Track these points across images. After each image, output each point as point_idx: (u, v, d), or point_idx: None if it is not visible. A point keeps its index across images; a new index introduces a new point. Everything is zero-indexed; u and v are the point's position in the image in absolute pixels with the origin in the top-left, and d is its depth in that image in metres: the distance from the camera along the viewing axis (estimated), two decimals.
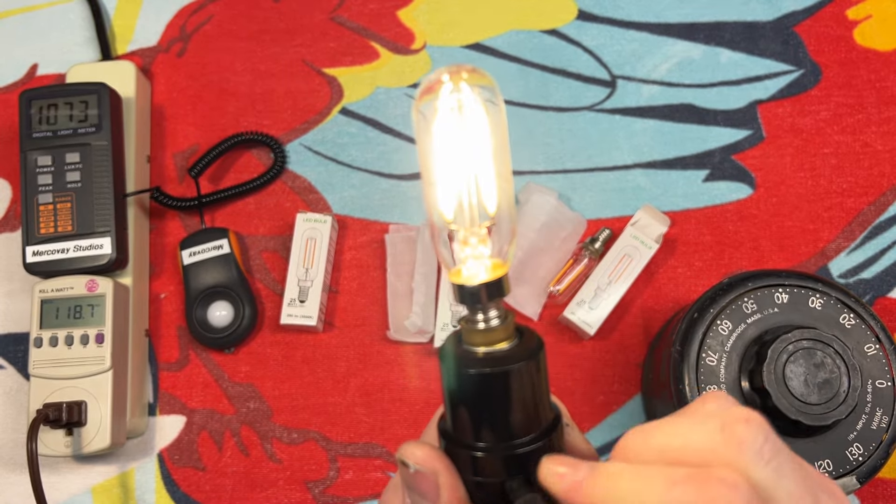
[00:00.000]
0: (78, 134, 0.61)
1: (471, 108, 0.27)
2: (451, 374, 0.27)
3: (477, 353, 0.27)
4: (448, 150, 0.28)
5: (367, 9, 0.70)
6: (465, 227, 0.28)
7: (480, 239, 0.28)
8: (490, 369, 0.26)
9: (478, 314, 0.27)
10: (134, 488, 0.62)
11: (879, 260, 0.64)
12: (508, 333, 0.27)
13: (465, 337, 0.28)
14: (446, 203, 0.28)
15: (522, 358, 0.26)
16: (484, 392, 0.26)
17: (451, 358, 0.27)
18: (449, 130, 0.27)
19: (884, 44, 0.68)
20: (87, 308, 0.59)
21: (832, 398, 0.47)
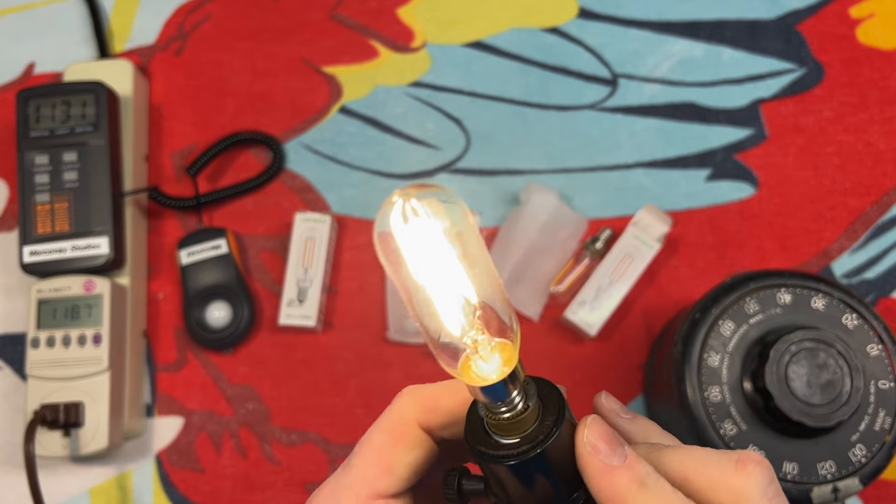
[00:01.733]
0: (75, 133, 0.61)
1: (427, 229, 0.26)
2: (489, 466, 0.27)
3: (509, 443, 0.27)
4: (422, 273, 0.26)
5: (367, 7, 0.70)
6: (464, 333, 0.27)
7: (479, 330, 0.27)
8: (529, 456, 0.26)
9: (501, 409, 0.27)
10: (132, 490, 0.61)
11: (882, 260, 0.63)
12: (534, 413, 0.27)
13: (493, 427, 0.27)
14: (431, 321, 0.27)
15: (553, 430, 0.26)
16: (529, 474, 0.27)
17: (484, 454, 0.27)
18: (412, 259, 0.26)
19: (887, 42, 0.67)
20: (85, 308, 0.59)
21: (835, 399, 0.46)
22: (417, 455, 0.29)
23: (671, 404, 0.51)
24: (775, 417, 0.47)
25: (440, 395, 0.29)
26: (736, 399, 0.48)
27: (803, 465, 0.47)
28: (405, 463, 0.29)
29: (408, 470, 0.29)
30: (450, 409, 0.29)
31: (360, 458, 0.29)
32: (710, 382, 0.49)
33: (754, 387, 0.48)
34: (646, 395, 0.61)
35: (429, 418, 0.29)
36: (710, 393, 0.48)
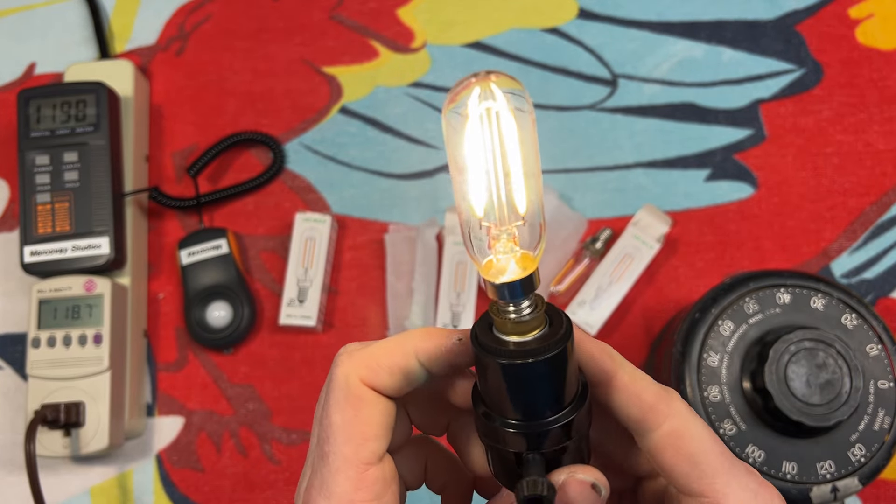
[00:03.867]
0: (76, 133, 0.61)
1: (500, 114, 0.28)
2: (482, 359, 0.28)
3: (508, 343, 0.28)
4: (478, 155, 0.28)
5: (367, 7, 0.70)
6: (495, 224, 0.29)
7: (511, 237, 0.29)
8: (521, 361, 0.27)
9: (509, 306, 0.28)
10: (132, 489, 0.61)
11: (882, 260, 0.63)
12: (539, 323, 0.28)
13: (497, 325, 0.29)
14: (477, 201, 0.29)
15: (552, 349, 0.27)
16: (513, 380, 0.28)
17: (483, 344, 0.28)
18: (477, 137, 0.28)
19: (886, 43, 0.67)
20: (86, 308, 0.59)
21: (834, 399, 0.46)
22: (380, 411, 0.30)
23: None
24: (775, 417, 0.47)
25: (381, 354, 0.30)
26: (735, 399, 0.48)
27: (802, 465, 0.47)
28: (374, 424, 0.29)
29: (380, 428, 0.29)
30: (389, 366, 0.29)
31: (332, 443, 0.29)
32: (710, 382, 0.49)
33: (754, 387, 0.48)
34: None
35: (372, 379, 0.30)
36: (710, 393, 0.49)
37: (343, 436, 0.29)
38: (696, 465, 0.28)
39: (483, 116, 0.28)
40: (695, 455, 0.28)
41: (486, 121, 0.28)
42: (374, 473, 0.29)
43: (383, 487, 0.29)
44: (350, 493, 0.28)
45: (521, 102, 0.29)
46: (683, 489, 0.29)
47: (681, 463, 0.29)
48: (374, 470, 0.29)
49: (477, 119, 0.28)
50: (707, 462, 0.28)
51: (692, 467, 0.28)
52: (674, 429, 0.29)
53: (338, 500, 0.28)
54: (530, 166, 0.29)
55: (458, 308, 0.61)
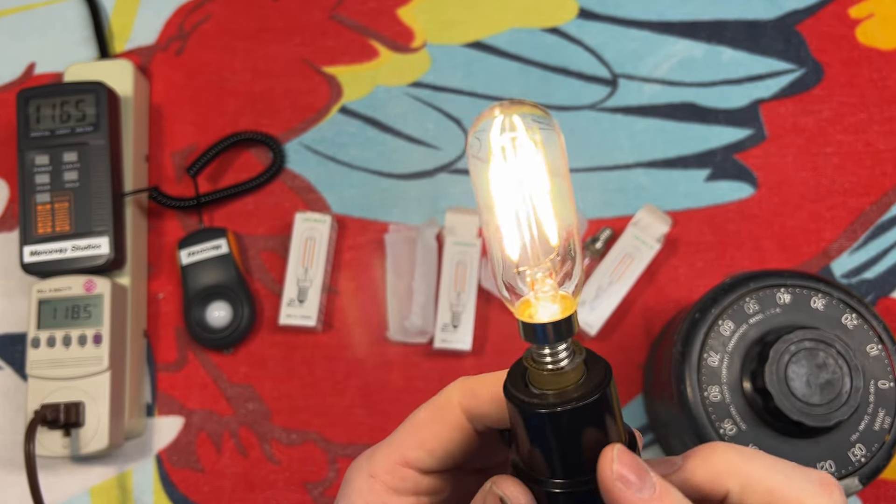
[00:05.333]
0: (76, 133, 0.61)
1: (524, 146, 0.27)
2: (520, 415, 0.27)
3: (547, 395, 0.26)
4: (505, 191, 0.27)
5: (367, 7, 0.70)
6: (530, 265, 0.27)
7: (547, 273, 0.27)
8: (561, 409, 0.26)
9: (545, 355, 0.26)
10: (132, 489, 0.61)
11: (882, 260, 0.63)
12: (578, 373, 0.27)
13: (533, 377, 0.27)
14: (510, 244, 0.27)
15: (593, 396, 0.26)
16: (557, 433, 0.26)
17: (519, 399, 0.27)
18: (503, 171, 0.27)
19: (886, 42, 0.67)
20: (85, 308, 0.59)
21: (834, 399, 0.46)
22: (454, 437, 0.30)
23: (671, 404, 0.51)
24: (775, 417, 0.47)
25: (483, 383, 0.30)
26: (735, 399, 0.48)
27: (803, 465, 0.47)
28: (441, 440, 0.29)
29: (442, 448, 0.29)
30: (489, 396, 0.29)
31: (401, 430, 0.30)
32: (710, 382, 0.49)
33: (754, 386, 0.48)
34: (645, 395, 0.61)
35: (470, 403, 0.29)
36: (710, 393, 0.49)
37: (411, 430, 0.30)
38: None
39: (505, 148, 0.26)
40: None
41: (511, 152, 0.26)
42: (408, 476, 0.29)
43: (407, 493, 0.30)
44: (380, 473, 0.29)
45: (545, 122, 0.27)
46: None
47: None
48: (411, 474, 0.29)
49: (499, 152, 0.26)
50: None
51: None
52: None
53: (368, 470, 0.29)
54: (560, 194, 0.27)
55: (458, 308, 0.61)
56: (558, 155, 0.27)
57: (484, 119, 0.27)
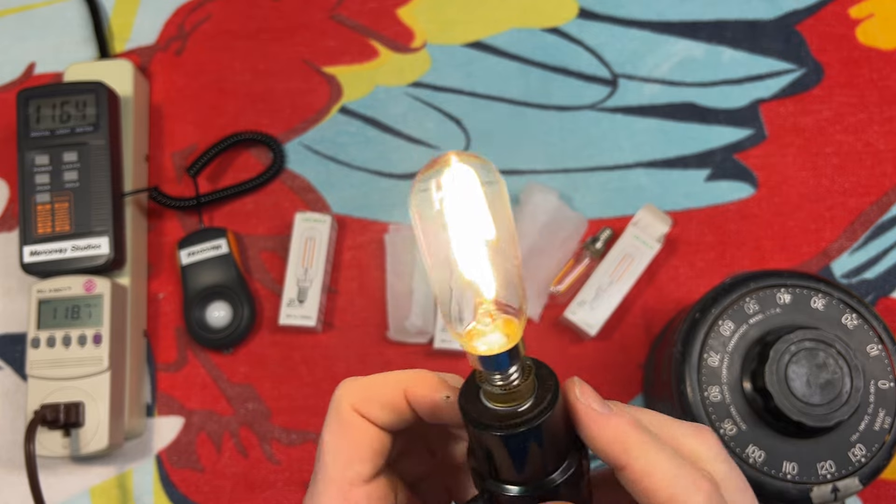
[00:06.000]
0: (76, 133, 0.61)
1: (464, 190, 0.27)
2: (473, 429, 0.28)
3: (497, 412, 0.28)
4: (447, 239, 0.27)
5: (367, 7, 0.70)
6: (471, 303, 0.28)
7: (488, 313, 0.28)
8: (512, 431, 0.27)
9: (495, 376, 0.27)
10: (132, 489, 0.61)
11: (882, 260, 0.63)
12: (528, 390, 0.28)
13: (486, 395, 0.28)
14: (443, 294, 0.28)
15: (543, 413, 0.27)
16: (508, 447, 0.28)
17: (472, 414, 0.28)
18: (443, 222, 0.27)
19: (886, 42, 0.67)
20: (85, 308, 0.59)
21: (834, 399, 0.46)
22: (370, 437, 0.30)
23: (671, 404, 0.51)
24: (775, 417, 0.47)
25: (374, 386, 0.30)
26: (736, 399, 0.48)
27: (803, 465, 0.47)
28: (360, 447, 0.30)
29: (367, 452, 0.30)
30: (380, 399, 0.30)
31: (321, 464, 0.30)
32: (710, 382, 0.49)
33: (754, 387, 0.48)
34: (645, 395, 0.61)
35: (362, 407, 0.30)
36: (710, 393, 0.49)
37: (330, 456, 0.30)
38: None
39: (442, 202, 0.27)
40: None
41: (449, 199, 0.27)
42: (359, 494, 0.29)
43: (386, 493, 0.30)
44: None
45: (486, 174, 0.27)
46: None
47: None
48: (359, 491, 0.29)
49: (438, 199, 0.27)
50: None
51: None
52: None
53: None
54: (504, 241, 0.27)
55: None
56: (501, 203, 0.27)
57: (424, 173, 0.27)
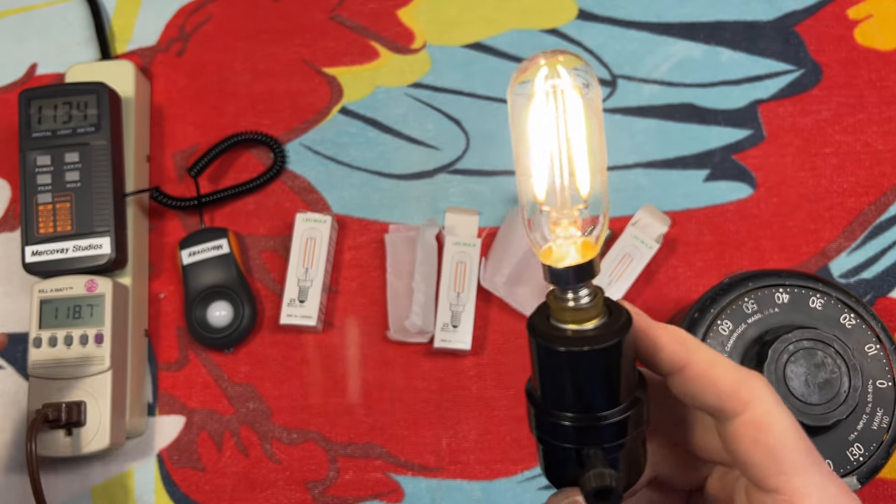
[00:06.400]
0: (77, 134, 0.61)
1: (566, 93, 0.28)
2: (539, 347, 0.28)
3: (566, 331, 0.28)
4: (542, 133, 0.28)
5: (367, 8, 0.70)
6: (556, 208, 0.28)
7: (572, 221, 0.28)
8: (577, 348, 0.27)
9: (567, 293, 0.28)
10: (133, 488, 0.62)
11: (880, 260, 0.63)
12: (598, 312, 0.28)
13: (554, 313, 0.28)
14: (540, 184, 0.28)
15: (610, 338, 0.27)
16: (569, 368, 0.27)
17: (540, 332, 0.28)
18: (543, 114, 0.28)
19: (884, 43, 0.67)
20: (87, 308, 0.59)
21: (833, 398, 0.46)
22: None
23: None
24: None
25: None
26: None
27: None
28: None
29: None
30: None
31: None
32: None
33: None
34: None
35: None
36: None
37: None
38: (775, 460, 0.26)
39: (549, 93, 0.28)
40: (775, 448, 0.26)
41: (552, 99, 0.28)
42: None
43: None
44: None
45: (586, 77, 0.28)
46: (759, 483, 0.27)
47: (758, 455, 0.27)
48: None
49: (543, 95, 0.28)
50: (787, 457, 0.26)
51: (770, 461, 0.26)
52: (754, 418, 0.27)
53: None
54: (595, 146, 0.28)
55: (458, 308, 0.61)
56: (595, 108, 0.28)
57: (530, 66, 0.28)
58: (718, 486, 0.31)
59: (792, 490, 0.26)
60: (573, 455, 0.28)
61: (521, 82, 0.28)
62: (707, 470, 0.32)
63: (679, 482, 0.32)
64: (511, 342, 0.63)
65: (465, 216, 0.64)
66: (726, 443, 0.28)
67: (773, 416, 0.27)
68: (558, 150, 0.28)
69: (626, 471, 0.29)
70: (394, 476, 0.61)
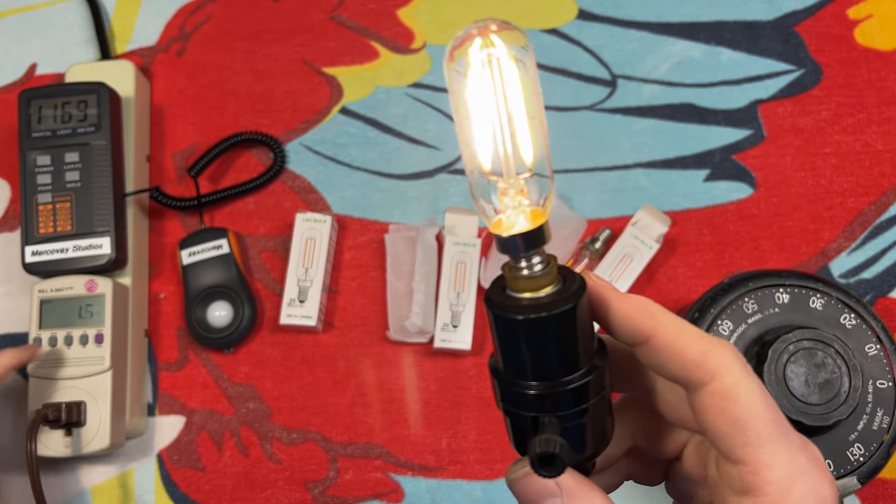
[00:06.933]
0: (77, 133, 0.61)
1: (502, 61, 0.28)
2: (496, 318, 0.28)
3: (521, 299, 0.28)
4: (482, 103, 0.28)
5: (367, 8, 0.70)
6: (502, 177, 0.28)
7: (518, 190, 0.28)
8: (534, 315, 0.27)
9: (520, 262, 0.28)
10: (133, 489, 0.62)
11: (880, 260, 0.63)
12: (552, 279, 0.28)
13: (510, 283, 0.28)
14: (484, 154, 0.28)
15: (565, 303, 0.27)
16: (526, 337, 0.27)
17: (496, 303, 0.28)
18: (480, 84, 0.28)
19: (884, 43, 0.67)
20: (87, 308, 0.59)
21: (833, 398, 0.46)
22: None
23: None
24: None
25: None
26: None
27: None
28: None
29: None
30: None
31: None
32: None
33: None
34: None
35: None
36: None
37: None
38: (741, 430, 0.26)
39: (484, 63, 0.28)
40: (741, 419, 0.26)
41: (488, 67, 0.28)
42: None
43: None
44: None
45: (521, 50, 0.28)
46: (725, 453, 0.27)
47: (724, 425, 0.26)
48: None
49: (479, 66, 0.28)
50: (753, 428, 0.26)
51: (736, 431, 0.26)
52: (721, 388, 0.26)
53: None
54: (533, 111, 0.28)
55: (458, 308, 0.61)
56: (531, 73, 0.28)
57: (464, 38, 0.28)
58: (694, 456, 0.31)
59: (757, 461, 0.26)
60: (531, 423, 0.28)
61: (457, 54, 0.28)
62: (683, 439, 0.32)
63: (657, 452, 0.32)
64: None
65: (465, 216, 0.64)
66: (695, 413, 0.27)
67: (739, 387, 0.26)
68: (499, 119, 0.28)
69: (591, 439, 0.29)
70: (394, 476, 0.61)
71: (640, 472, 0.33)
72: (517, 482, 0.29)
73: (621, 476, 0.34)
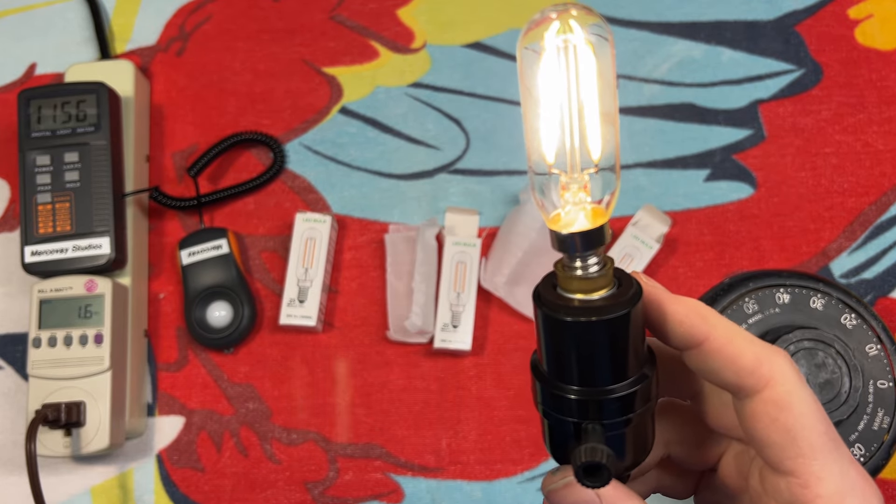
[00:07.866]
0: (77, 133, 0.61)
1: (579, 49, 0.27)
2: (544, 318, 0.27)
3: (572, 301, 0.27)
4: (553, 91, 0.27)
5: (367, 8, 0.70)
6: (566, 171, 0.27)
7: (581, 186, 0.27)
8: (584, 318, 0.26)
9: (575, 261, 0.27)
10: (133, 489, 0.62)
11: (881, 260, 0.63)
12: (607, 282, 0.27)
13: (562, 282, 0.27)
14: (548, 146, 0.27)
15: (617, 309, 0.26)
16: (574, 340, 0.26)
17: (546, 301, 0.27)
18: (554, 71, 0.27)
19: (885, 43, 0.67)
20: (86, 308, 0.59)
21: (833, 399, 0.46)
22: None
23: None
24: None
25: None
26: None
27: None
28: None
29: None
30: None
31: None
32: None
33: None
34: None
35: None
36: None
37: None
38: (793, 441, 0.25)
39: (560, 49, 0.26)
40: (793, 429, 0.25)
41: (563, 54, 0.26)
42: None
43: None
44: None
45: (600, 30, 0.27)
46: (775, 464, 0.26)
47: (776, 434, 0.25)
48: None
49: (553, 51, 0.26)
50: (806, 439, 0.25)
51: (788, 442, 0.25)
52: (774, 397, 0.25)
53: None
54: (608, 106, 0.27)
55: (458, 308, 0.61)
56: (609, 64, 0.27)
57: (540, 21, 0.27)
58: (733, 466, 0.30)
59: (808, 473, 0.25)
60: (573, 430, 0.27)
61: (531, 36, 0.27)
62: (721, 449, 0.31)
63: (691, 462, 0.31)
64: (511, 342, 0.63)
65: (465, 216, 0.64)
66: (743, 421, 0.26)
67: (794, 396, 0.25)
68: (569, 110, 0.27)
69: (631, 449, 0.28)
70: (394, 476, 0.61)
71: (671, 483, 0.32)
72: (556, 493, 0.28)
73: (650, 487, 0.33)
